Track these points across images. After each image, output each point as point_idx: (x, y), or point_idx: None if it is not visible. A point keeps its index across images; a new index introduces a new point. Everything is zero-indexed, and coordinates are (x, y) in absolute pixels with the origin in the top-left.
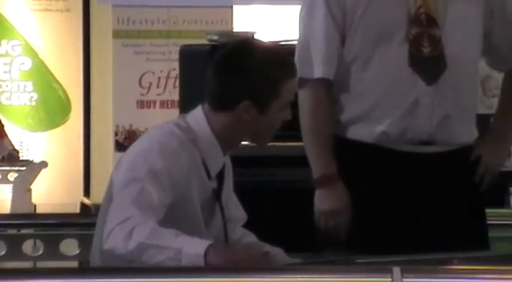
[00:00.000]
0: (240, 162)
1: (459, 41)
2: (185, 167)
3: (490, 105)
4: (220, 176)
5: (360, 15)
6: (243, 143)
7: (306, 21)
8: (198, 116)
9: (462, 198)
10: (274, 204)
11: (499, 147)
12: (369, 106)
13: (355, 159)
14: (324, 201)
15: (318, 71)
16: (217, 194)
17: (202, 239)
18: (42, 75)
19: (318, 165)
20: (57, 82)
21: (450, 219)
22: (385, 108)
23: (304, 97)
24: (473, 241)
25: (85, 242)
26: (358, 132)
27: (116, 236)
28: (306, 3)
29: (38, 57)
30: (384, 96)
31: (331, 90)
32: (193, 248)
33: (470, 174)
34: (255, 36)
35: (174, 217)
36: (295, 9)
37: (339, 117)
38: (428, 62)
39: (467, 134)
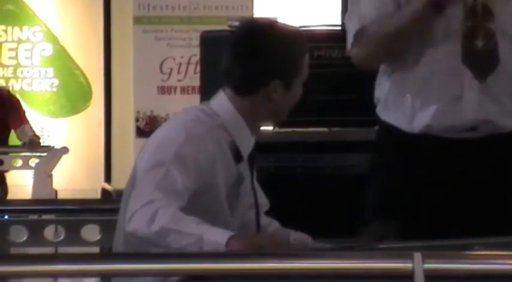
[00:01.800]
0: (261, 148)
1: (510, 36)
2: (211, 153)
3: None
4: (251, 158)
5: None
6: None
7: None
8: (222, 101)
9: (502, 183)
10: (296, 190)
11: None
12: (412, 93)
13: (396, 146)
14: None
15: (367, 14)
16: (251, 175)
17: (224, 229)
18: (63, 62)
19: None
20: (78, 68)
21: (493, 205)
22: (428, 99)
23: (368, 36)
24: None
25: (106, 228)
26: (401, 121)
27: (139, 218)
28: None
29: (59, 44)
30: (427, 85)
31: None
32: (216, 236)
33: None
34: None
35: (198, 203)
36: None
37: (389, 101)
38: (481, 56)
39: (510, 122)
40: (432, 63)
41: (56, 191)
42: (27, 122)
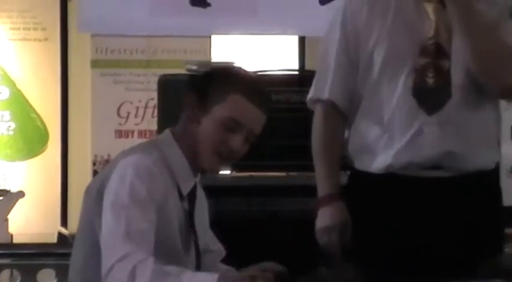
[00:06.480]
0: (218, 192)
1: (467, 70)
2: (162, 185)
3: None
4: (192, 198)
5: (372, 43)
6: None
7: (324, 42)
8: (165, 133)
9: (473, 224)
10: (253, 234)
11: None
12: (375, 136)
13: (363, 188)
14: (321, 218)
15: (326, 92)
16: (189, 215)
17: (208, 273)
18: (20, 105)
19: (322, 184)
20: (35, 112)
21: (460, 246)
22: (389, 139)
23: (315, 116)
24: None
25: (62, 272)
26: (366, 164)
27: (117, 277)
28: (329, 23)
29: (16, 87)
30: (388, 126)
31: (341, 114)
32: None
33: (484, 199)
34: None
35: (156, 241)
36: (273, 40)
37: (347, 147)
38: (431, 92)
39: (479, 160)
40: (390, 103)
41: (12, 235)
42: None
